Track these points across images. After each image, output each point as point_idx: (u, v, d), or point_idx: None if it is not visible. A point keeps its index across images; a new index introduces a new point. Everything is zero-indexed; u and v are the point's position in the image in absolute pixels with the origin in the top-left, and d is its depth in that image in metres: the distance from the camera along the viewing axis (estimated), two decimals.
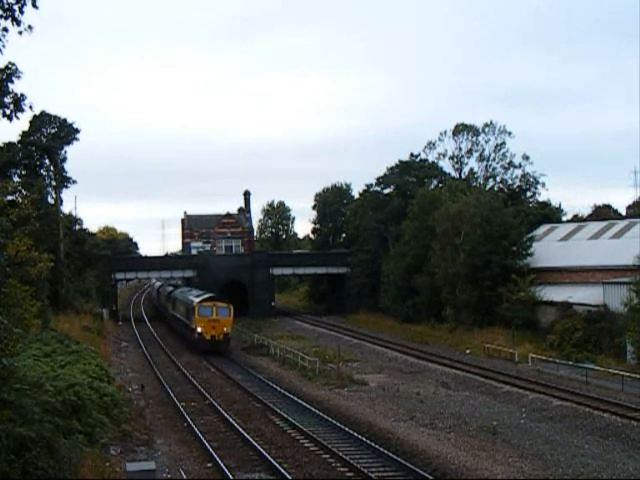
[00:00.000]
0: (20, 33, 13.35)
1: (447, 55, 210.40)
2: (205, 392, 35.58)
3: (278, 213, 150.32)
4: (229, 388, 37.44)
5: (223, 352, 50.25)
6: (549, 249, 59.01)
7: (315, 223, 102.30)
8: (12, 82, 14.93)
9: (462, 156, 77.13)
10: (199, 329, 50.60)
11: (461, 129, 76.80)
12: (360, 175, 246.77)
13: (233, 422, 28.68)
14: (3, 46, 13.74)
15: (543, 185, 74.83)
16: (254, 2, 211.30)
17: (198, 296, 56.34)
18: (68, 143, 65.86)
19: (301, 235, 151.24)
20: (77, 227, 75.51)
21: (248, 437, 25.97)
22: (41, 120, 65.22)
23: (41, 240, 45.16)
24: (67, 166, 67.06)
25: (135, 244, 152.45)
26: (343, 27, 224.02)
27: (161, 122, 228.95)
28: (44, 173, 66.39)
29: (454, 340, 54.92)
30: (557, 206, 75.41)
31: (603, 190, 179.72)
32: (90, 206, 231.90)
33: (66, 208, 70.88)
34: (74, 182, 67.41)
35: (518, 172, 75.26)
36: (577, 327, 45.77)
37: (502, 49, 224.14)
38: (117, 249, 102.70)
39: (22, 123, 71.23)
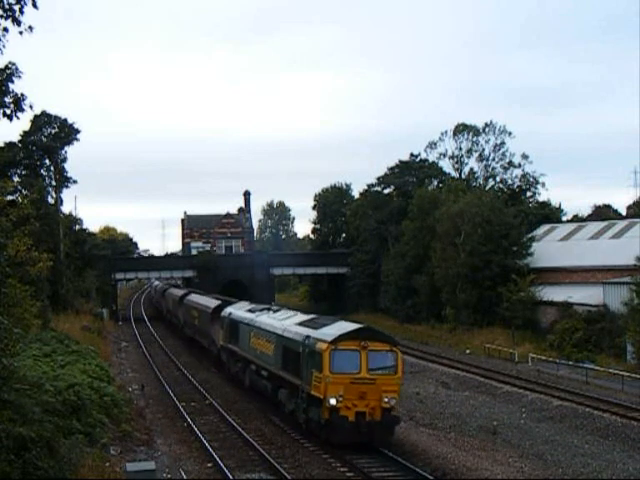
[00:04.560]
0: (20, 33, 13.39)
1: (448, 55, 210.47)
2: (205, 392, 35.56)
3: (278, 213, 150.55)
4: (229, 388, 37.43)
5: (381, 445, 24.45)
6: (549, 249, 59.02)
7: (315, 223, 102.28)
8: (12, 82, 14.95)
9: (462, 156, 77.17)
10: (332, 400, 23.73)
11: (462, 129, 76.81)
12: (360, 175, 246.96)
13: (233, 422, 28.68)
14: (3, 46, 13.78)
15: (543, 185, 74.97)
16: (253, 3, 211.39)
17: (313, 322, 27.87)
18: (68, 143, 65.79)
19: (301, 235, 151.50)
20: (77, 227, 75.43)
21: (248, 437, 25.97)
22: (41, 120, 65.13)
23: (41, 240, 45.17)
24: (67, 166, 66.99)
25: (135, 244, 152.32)
26: (343, 27, 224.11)
27: (161, 122, 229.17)
28: (44, 173, 66.33)
29: (454, 340, 54.94)
30: (557, 206, 75.57)
31: (603, 190, 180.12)
32: (90, 206, 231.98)
33: (66, 208, 70.89)
34: (74, 182, 67.37)
35: (518, 172, 75.40)
36: (577, 327, 45.80)
37: (503, 49, 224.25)
38: (117, 249, 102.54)
39: (23, 123, 71.32)
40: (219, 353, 41.19)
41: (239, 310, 37.93)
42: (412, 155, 79.15)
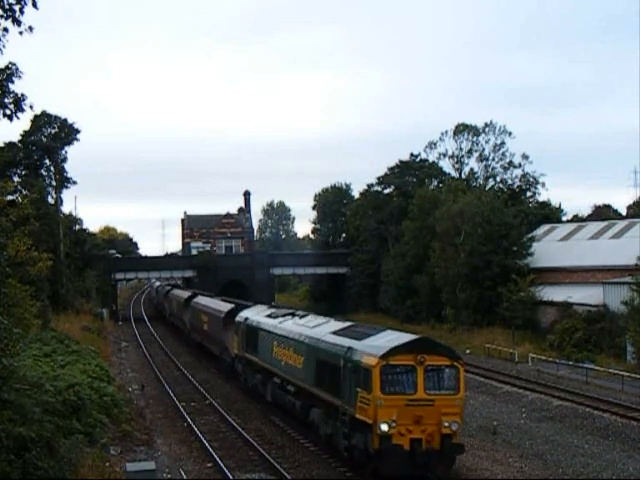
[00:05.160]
0: (21, 33, 13.38)
1: (448, 55, 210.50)
2: (205, 392, 35.57)
3: (278, 213, 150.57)
4: (229, 388, 37.43)
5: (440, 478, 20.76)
6: (549, 249, 59.03)
7: (315, 223, 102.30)
8: (12, 82, 14.96)
9: (462, 156, 77.19)
10: (384, 426, 19.94)
11: (462, 129, 76.83)
12: (360, 175, 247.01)
13: (233, 422, 28.68)
14: (3, 46, 13.79)
15: (543, 185, 74.98)
16: (253, 3, 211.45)
17: (354, 331, 23.99)
18: (68, 143, 65.85)
19: (301, 235, 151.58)
20: (77, 227, 75.49)
21: (248, 437, 25.98)
22: (41, 120, 65.20)
23: (41, 240, 45.17)
24: (67, 166, 67.11)
25: (135, 244, 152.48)
26: (343, 27, 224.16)
27: (161, 122, 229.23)
28: (44, 173, 66.40)
29: (454, 340, 54.90)
30: (557, 206, 75.58)
31: (603, 190, 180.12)
32: (90, 206, 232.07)
33: (66, 208, 70.93)
34: (74, 182, 67.45)
35: (518, 172, 75.41)
36: (577, 327, 45.82)
37: (503, 49, 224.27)
38: (117, 249, 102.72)
39: (23, 123, 71.34)
40: (233, 362, 37.62)
41: (257, 315, 33.95)
42: (412, 155, 79.19)
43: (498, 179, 76.40)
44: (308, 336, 25.46)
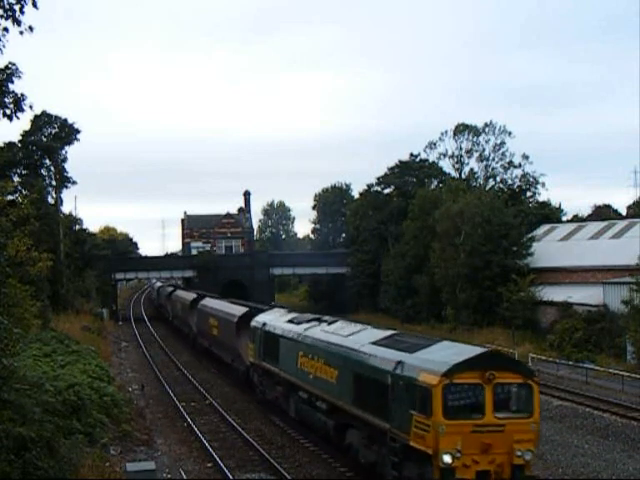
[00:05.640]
0: (21, 33, 13.39)
1: (448, 55, 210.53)
2: (205, 392, 35.57)
3: (278, 213, 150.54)
4: (228, 388, 37.43)
5: None
6: (549, 249, 59.04)
7: (315, 223, 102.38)
8: (12, 82, 14.97)
9: (462, 156, 77.23)
10: (447, 458, 16.59)
11: (462, 129, 76.88)
12: (360, 175, 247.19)
13: (233, 422, 28.69)
14: (3, 46, 13.80)
15: (543, 185, 75.04)
16: (253, 3, 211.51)
17: (401, 342, 20.73)
18: (68, 143, 65.87)
19: (301, 235, 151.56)
20: (77, 227, 75.52)
21: (248, 437, 25.98)
22: (42, 120, 65.22)
23: (41, 240, 45.16)
24: (67, 166, 67.13)
25: (135, 244, 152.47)
26: (343, 27, 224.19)
27: (161, 122, 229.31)
28: (44, 173, 66.39)
29: (454, 340, 54.97)
30: (557, 206, 75.65)
31: (603, 190, 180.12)
32: (90, 206, 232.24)
33: (66, 208, 70.95)
34: (74, 182, 67.45)
35: (518, 172, 75.49)
36: (577, 327, 45.83)
37: (503, 49, 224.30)
38: (117, 249, 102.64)
39: (23, 123, 71.36)
40: (248, 372, 34.16)
41: (277, 320, 30.66)
42: (412, 155, 79.25)
43: (498, 179, 76.49)
44: (343, 346, 22.39)
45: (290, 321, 29.20)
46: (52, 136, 65.77)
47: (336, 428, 22.92)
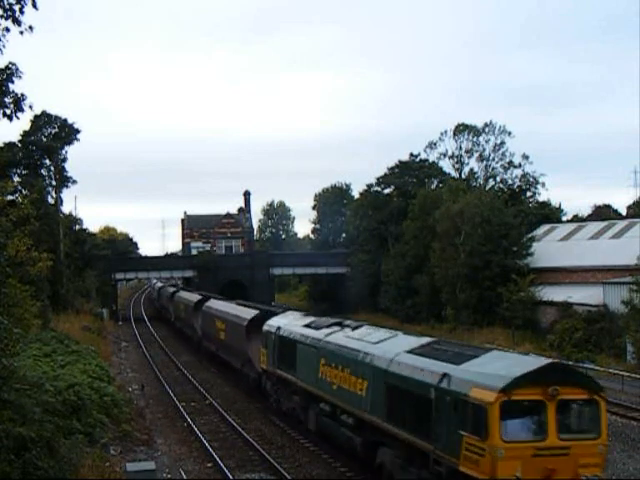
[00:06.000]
0: (21, 33, 13.43)
1: (448, 55, 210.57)
2: (205, 392, 35.58)
3: (278, 213, 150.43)
4: (228, 388, 37.44)
5: None
6: (549, 249, 59.04)
7: (315, 223, 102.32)
8: (12, 82, 14.97)
9: (462, 156, 77.20)
10: None
11: (462, 129, 76.84)
12: (360, 175, 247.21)
13: (233, 422, 28.69)
14: (3, 46, 13.81)
15: (543, 185, 74.95)
16: (253, 3, 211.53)
17: (443, 351, 18.49)
18: (68, 143, 65.87)
19: (301, 235, 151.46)
20: (77, 227, 75.54)
21: (248, 437, 25.98)
22: (41, 120, 65.23)
23: (41, 240, 45.15)
24: (67, 166, 67.12)
25: (135, 244, 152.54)
26: (343, 27, 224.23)
27: (161, 122, 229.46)
28: (44, 173, 66.42)
29: (454, 340, 54.98)
30: (557, 206, 75.64)
31: (603, 190, 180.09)
32: (90, 206, 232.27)
33: (66, 208, 70.98)
34: (74, 182, 67.46)
35: (518, 172, 75.36)
36: (577, 327, 45.82)
37: (503, 49, 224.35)
38: (117, 249, 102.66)
39: (23, 123, 71.38)
40: (260, 379, 32.08)
41: (293, 324, 28.38)
42: (412, 155, 79.18)
43: (498, 179, 76.40)
44: (373, 355, 20.11)
45: (308, 325, 26.85)
46: (52, 136, 65.77)
47: (364, 445, 20.63)
